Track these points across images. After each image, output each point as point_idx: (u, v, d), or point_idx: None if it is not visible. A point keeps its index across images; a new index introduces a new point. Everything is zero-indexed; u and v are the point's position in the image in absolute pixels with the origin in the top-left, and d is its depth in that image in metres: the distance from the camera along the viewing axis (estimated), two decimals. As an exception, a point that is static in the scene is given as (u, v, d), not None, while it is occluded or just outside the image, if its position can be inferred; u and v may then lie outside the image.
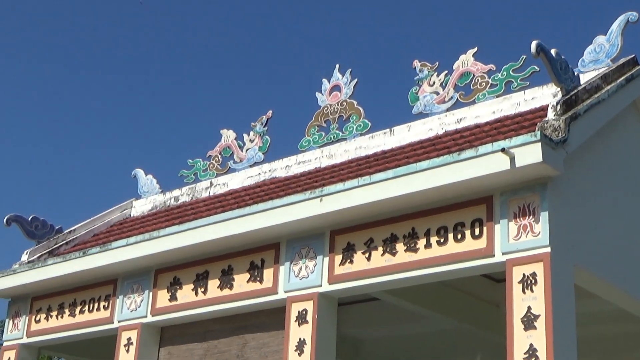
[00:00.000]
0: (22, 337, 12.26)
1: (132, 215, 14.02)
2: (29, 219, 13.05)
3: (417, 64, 11.22)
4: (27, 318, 12.25)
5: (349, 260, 8.91)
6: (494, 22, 40.30)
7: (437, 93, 10.92)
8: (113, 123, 43.69)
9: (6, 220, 12.72)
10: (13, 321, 12.46)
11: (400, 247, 8.57)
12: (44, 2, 41.22)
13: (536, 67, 10.02)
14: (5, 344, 12.55)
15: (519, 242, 7.79)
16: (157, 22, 42.55)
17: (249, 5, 42.15)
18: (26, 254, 12.82)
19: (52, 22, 41.48)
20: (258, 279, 9.64)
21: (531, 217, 7.78)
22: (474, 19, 40.53)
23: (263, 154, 12.69)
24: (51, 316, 11.93)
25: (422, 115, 10.99)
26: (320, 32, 42.22)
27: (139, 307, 10.80)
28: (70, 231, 13.40)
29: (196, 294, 10.22)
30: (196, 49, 42.95)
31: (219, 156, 13.24)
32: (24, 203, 41.00)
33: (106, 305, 11.23)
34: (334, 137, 11.81)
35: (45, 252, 12.93)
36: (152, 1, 41.40)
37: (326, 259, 9.09)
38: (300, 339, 9.03)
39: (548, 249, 7.62)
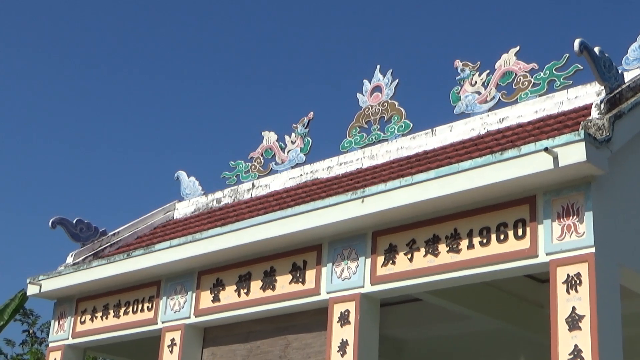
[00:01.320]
0: (68, 338, 12.39)
1: (175, 218, 14.11)
2: (74, 221, 13.18)
3: (458, 63, 11.17)
4: (73, 319, 12.38)
5: (391, 261, 8.89)
6: (535, 20, 39.98)
7: (479, 93, 10.86)
8: (156, 126, 44.03)
9: (51, 223, 12.86)
10: (59, 322, 12.61)
11: (442, 247, 8.53)
12: (97, 6, 41.65)
13: (579, 66, 9.93)
14: (51, 344, 12.69)
15: (563, 242, 7.72)
16: (198, 25, 42.80)
17: (291, 7, 42.25)
18: (71, 256, 12.96)
19: (103, 28, 41.90)
20: (300, 280, 9.66)
21: (575, 217, 7.70)
22: (515, 17, 40.25)
23: (304, 155, 12.70)
24: (96, 317, 12.05)
25: (464, 115, 10.94)
26: (361, 33, 42.19)
27: (182, 308, 10.87)
28: (114, 233, 13.53)
29: (239, 295, 10.26)
30: (237, 52, 43.14)
31: (261, 158, 13.27)
32: (68, 206, 41.45)
33: (150, 307, 11.32)
34: (375, 137, 11.79)
35: (90, 254, 13.06)
36: (193, 4, 41.64)
37: (368, 260, 9.07)
38: (342, 339, 9.03)
39: (593, 249, 7.54)
